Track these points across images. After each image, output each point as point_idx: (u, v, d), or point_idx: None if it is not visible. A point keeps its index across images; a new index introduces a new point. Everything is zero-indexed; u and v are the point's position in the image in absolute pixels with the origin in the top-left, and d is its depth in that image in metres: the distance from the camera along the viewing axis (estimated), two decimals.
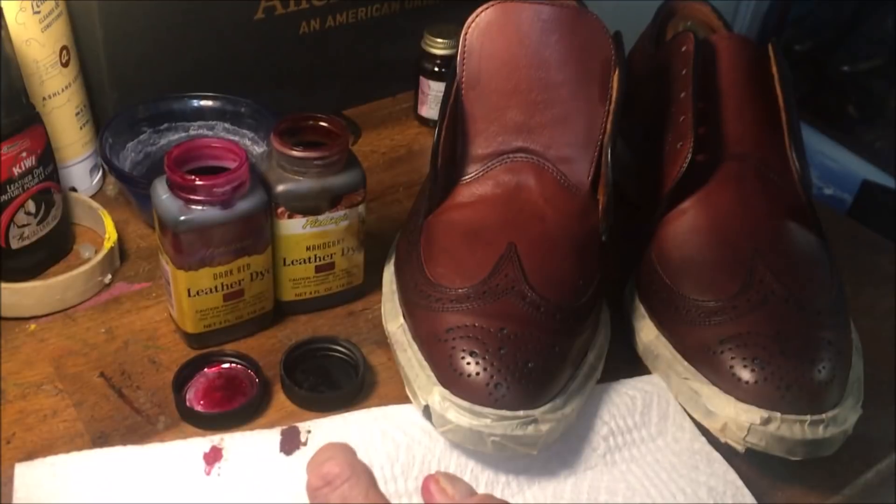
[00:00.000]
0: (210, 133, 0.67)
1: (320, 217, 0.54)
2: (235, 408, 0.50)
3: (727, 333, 0.50)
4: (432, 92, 0.76)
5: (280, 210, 0.53)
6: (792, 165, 0.58)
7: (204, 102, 0.67)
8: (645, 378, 0.54)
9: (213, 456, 0.47)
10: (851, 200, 1.41)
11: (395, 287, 0.56)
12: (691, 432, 0.52)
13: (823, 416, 0.48)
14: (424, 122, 0.79)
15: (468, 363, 0.47)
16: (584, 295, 0.52)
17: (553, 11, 0.55)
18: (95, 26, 0.63)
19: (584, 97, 0.56)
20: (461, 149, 0.57)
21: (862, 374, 0.52)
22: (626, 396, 0.52)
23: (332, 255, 0.56)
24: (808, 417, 0.48)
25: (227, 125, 0.68)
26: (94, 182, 0.67)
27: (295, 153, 0.52)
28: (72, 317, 0.57)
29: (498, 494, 0.48)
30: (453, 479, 0.40)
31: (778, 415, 0.48)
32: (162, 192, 0.50)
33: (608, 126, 0.56)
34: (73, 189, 0.65)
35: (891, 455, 0.53)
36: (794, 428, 0.48)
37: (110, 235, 0.60)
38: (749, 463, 0.51)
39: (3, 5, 0.55)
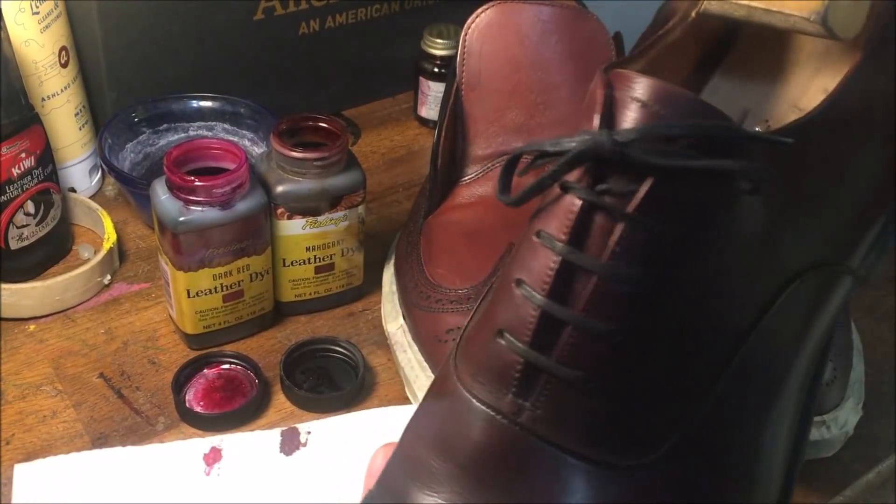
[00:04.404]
0: (209, 134, 0.67)
1: (320, 218, 0.54)
2: (235, 408, 0.50)
3: None
4: (432, 92, 0.76)
5: (279, 211, 0.53)
6: None
7: (203, 103, 0.67)
8: None
9: (213, 457, 0.47)
10: None
11: (394, 288, 0.56)
12: None
13: (824, 417, 0.48)
14: (424, 122, 0.79)
15: None
16: None
17: (553, 12, 0.55)
18: (94, 27, 0.63)
19: (585, 98, 0.56)
20: (461, 149, 0.57)
21: (863, 374, 0.52)
22: None
23: (331, 255, 0.56)
24: None
25: (226, 126, 0.68)
26: (94, 183, 0.67)
27: (294, 154, 0.52)
28: (71, 317, 0.57)
29: None
30: None
31: None
32: (161, 193, 0.50)
33: None
34: (73, 190, 0.64)
35: (891, 456, 0.53)
36: None
37: (109, 236, 0.60)
38: None
39: (2, 6, 0.55)
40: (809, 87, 0.40)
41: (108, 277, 0.59)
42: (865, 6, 0.34)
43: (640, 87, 0.30)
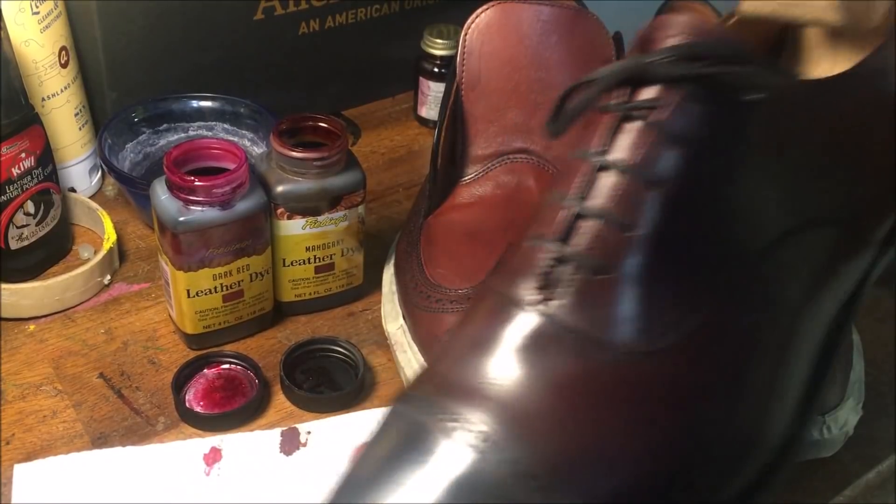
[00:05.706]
0: (209, 134, 0.67)
1: (320, 218, 0.54)
2: (235, 408, 0.50)
3: None
4: (432, 92, 0.76)
5: (279, 211, 0.53)
6: None
7: (203, 103, 0.67)
8: None
9: (213, 457, 0.47)
10: None
11: (394, 288, 0.56)
12: None
13: (824, 417, 0.48)
14: (424, 122, 0.79)
15: None
16: None
17: (553, 12, 0.55)
18: (94, 27, 0.63)
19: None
20: (461, 149, 0.57)
21: (863, 374, 0.52)
22: None
23: (331, 255, 0.56)
24: None
25: (226, 126, 0.68)
26: (94, 183, 0.67)
27: (294, 154, 0.52)
28: (71, 317, 0.57)
29: None
30: None
31: None
32: (161, 193, 0.50)
33: None
34: (73, 189, 0.64)
35: (891, 456, 0.53)
36: None
37: (109, 236, 0.60)
38: None
39: (2, 6, 0.55)
40: None
41: (108, 277, 0.59)
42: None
43: (673, 23, 0.34)
